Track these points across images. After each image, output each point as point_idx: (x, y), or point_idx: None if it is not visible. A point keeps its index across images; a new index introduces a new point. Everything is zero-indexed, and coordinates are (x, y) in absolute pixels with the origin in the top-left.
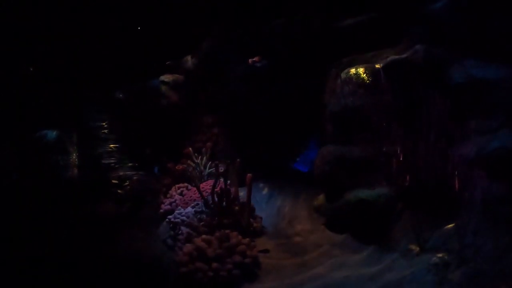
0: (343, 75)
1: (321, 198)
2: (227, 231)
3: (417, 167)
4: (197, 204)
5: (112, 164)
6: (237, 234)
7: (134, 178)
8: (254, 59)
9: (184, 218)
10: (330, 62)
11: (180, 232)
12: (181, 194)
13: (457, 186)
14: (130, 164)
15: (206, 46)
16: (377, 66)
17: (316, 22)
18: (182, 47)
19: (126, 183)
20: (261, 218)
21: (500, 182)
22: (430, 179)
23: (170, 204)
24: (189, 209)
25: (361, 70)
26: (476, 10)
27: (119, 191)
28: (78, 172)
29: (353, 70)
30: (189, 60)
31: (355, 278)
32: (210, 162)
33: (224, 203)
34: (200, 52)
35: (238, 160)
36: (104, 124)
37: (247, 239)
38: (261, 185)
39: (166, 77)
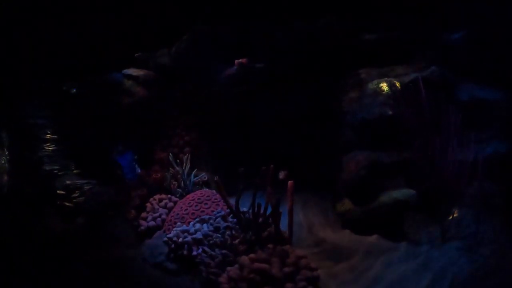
0: (373, 85)
1: (347, 203)
2: (270, 245)
3: (435, 171)
4: (210, 219)
5: (56, 171)
6: (290, 247)
7: (86, 188)
8: (241, 61)
9: (197, 236)
10: (346, 71)
11: (199, 253)
12: (165, 207)
13: (461, 185)
14: (76, 171)
15: (187, 39)
16: (404, 80)
17: (340, 31)
18: (154, 38)
19: (76, 194)
20: None
21: (492, 180)
22: (445, 181)
23: (155, 219)
24: (198, 225)
25: (391, 83)
26: (485, 44)
27: (66, 203)
28: (8, 179)
29: (384, 82)
30: (164, 54)
31: (412, 271)
32: (196, 170)
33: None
34: (180, 45)
35: (271, 166)
36: (47, 122)
37: (299, 250)
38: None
39: (133, 71)
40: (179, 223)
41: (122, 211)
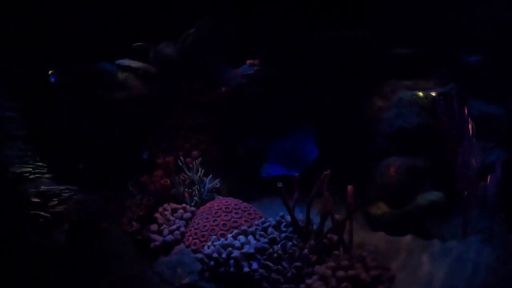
0: (407, 96)
1: (382, 206)
2: (336, 252)
3: (462, 174)
4: (257, 230)
5: (26, 174)
6: (361, 251)
7: (65, 195)
8: (253, 61)
9: (248, 250)
10: (372, 82)
11: (254, 269)
12: (181, 218)
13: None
14: (49, 175)
15: (195, 33)
16: (432, 93)
17: (370, 43)
18: (154, 27)
19: (54, 202)
20: None
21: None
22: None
23: (172, 233)
24: (241, 238)
25: (423, 95)
26: (496, 69)
27: (42, 213)
28: None
29: (418, 94)
30: (169, 46)
31: (455, 263)
32: (210, 176)
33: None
34: (187, 39)
35: (329, 170)
36: (17, 115)
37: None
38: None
39: (132, 62)
40: (214, 236)
41: (117, 223)
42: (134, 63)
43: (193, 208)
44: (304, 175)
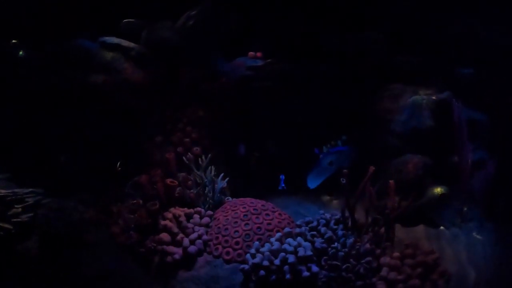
0: (418, 100)
1: (398, 200)
2: (387, 243)
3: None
4: (305, 230)
5: None
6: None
7: (30, 200)
8: (256, 54)
9: (305, 253)
10: (380, 85)
11: (314, 272)
12: (199, 224)
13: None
14: (7, 175)
15: (197, 15)
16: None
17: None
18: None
19: (17, 210)
20: None
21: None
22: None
23: (193, 242)
24: (290, 240)
25: (432, 99)
26: (484, 82)
27: (3, 224)
28: None
29: (427, 98)
30: (168, 27)
31: (468, 246)
32: (222, 175)
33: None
34: (188, 21)
35: (371, 167)
36: None
37: None
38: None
39: (122, 41)
40: (256, 243)
41: (106, 234)
42: (125, 42)
43: (210, 212)
44: None
